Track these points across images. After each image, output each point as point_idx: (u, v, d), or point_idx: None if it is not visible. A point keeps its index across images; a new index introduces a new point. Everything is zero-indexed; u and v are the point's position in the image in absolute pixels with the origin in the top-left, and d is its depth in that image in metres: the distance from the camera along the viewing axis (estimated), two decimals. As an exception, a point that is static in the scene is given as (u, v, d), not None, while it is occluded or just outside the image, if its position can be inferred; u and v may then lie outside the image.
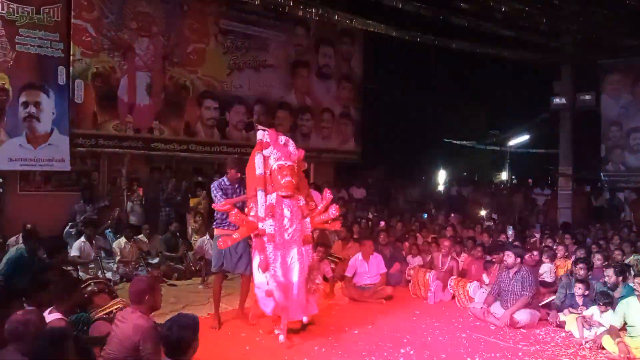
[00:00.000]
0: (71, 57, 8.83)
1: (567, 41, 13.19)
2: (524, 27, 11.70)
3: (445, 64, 16.29)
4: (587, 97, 13.81)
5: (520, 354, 5.28)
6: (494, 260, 7.38)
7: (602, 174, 13.91)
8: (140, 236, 8.84)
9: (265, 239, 5.30)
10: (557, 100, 13.81)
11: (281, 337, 5.32)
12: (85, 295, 5.68)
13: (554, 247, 8.38)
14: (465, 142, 20.63)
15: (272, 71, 11.81)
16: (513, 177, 22.83)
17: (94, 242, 8.06)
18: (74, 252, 7.85)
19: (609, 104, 13.82)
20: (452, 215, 11.80)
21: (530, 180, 18.30)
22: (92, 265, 7.90)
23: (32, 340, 3.23)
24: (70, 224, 8.84)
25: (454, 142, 20.58)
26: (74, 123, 8.95)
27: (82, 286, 5.79)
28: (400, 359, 5.10)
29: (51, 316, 4.17)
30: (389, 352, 5.23)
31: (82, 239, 8.03)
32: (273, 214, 5.31)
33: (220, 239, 5.42)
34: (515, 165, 22.28)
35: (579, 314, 5.99)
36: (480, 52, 12.33)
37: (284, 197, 5.35)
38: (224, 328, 5.91)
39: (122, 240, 8.47)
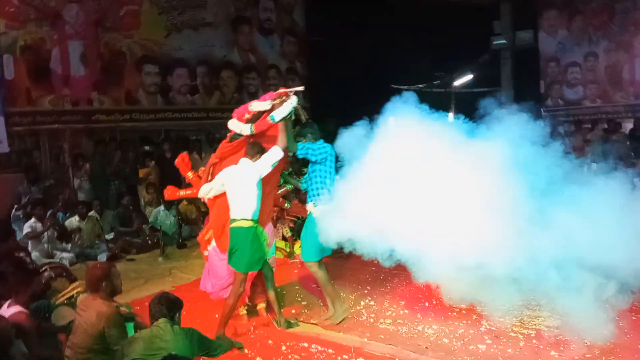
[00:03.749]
0: (-5, 30, 8.29)
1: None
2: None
3: (388, 9, 16.19)
4: (525, 34, 14.13)
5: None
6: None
7: (542, 109, 14.39)
8: (92, 212, 8.63)
9: None
10: (497, 40, 14.07)
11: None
12: (43, 282, 5.60)
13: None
14: (411, 86, 20.77)
15: (212, 29, 11.42)
16: (460, 116, 23.28)
17: (45, 221, 7.85)
18: (25, 230, 7.66)
19: (547, 40, 14.15)
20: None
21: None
22: (46, 246, 7.73)
23: None
24: (15, 206, 8.52)
25: (401, 87, 20.69)
26: (7, 101, 8.51)
27: (40, 271, 5.70)
28: (363, 311, 5.33)
29: (10, 310, 4.10)
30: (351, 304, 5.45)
31: (33, 219, 7.81)
32: None
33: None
34: (461, 105, 22.69)
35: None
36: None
37: None
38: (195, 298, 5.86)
39: (75, 218, 8.28)
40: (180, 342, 3.38)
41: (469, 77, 20.25)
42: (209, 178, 5.10)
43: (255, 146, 4.85)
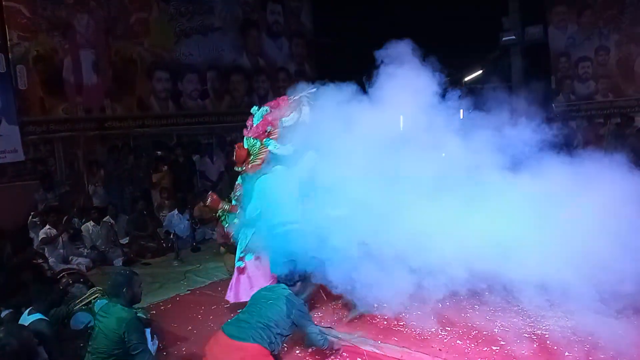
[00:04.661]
0: (8, 42, 8.42)
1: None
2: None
3: (395, 8, 16.15)
4: (535, 30, 14.05)
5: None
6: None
7: (553, 105, 14.29)
8: (106, 218, 8.74)
9: None
10: (506, 36, 14.00)
11: None
12: (61, 288, 5.70)
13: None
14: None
15: (221, 34, 11.51)
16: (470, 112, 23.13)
17: (59, 227, 7.96)
18: (40, 236, 7.77)
19: (557, 35, 14.06)
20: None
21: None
22: (62, 251, 7.84)
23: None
24: (32, 214, 8.66)
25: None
26: (21, 111, 8.65)
27: (57, 277, 5.80)
28: (376, 313, 5.35)
29: (31, 317, 4.20)
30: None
31: (48, 226, 7.93)
32: None
33: None
34: (472, 100, 22.53)
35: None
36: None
37: None
38: (210, 302, 5.95)
39: (90, 224, 8.40)
40: (284, 295, 3.96)
41: (478, 72, 20.21)
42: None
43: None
